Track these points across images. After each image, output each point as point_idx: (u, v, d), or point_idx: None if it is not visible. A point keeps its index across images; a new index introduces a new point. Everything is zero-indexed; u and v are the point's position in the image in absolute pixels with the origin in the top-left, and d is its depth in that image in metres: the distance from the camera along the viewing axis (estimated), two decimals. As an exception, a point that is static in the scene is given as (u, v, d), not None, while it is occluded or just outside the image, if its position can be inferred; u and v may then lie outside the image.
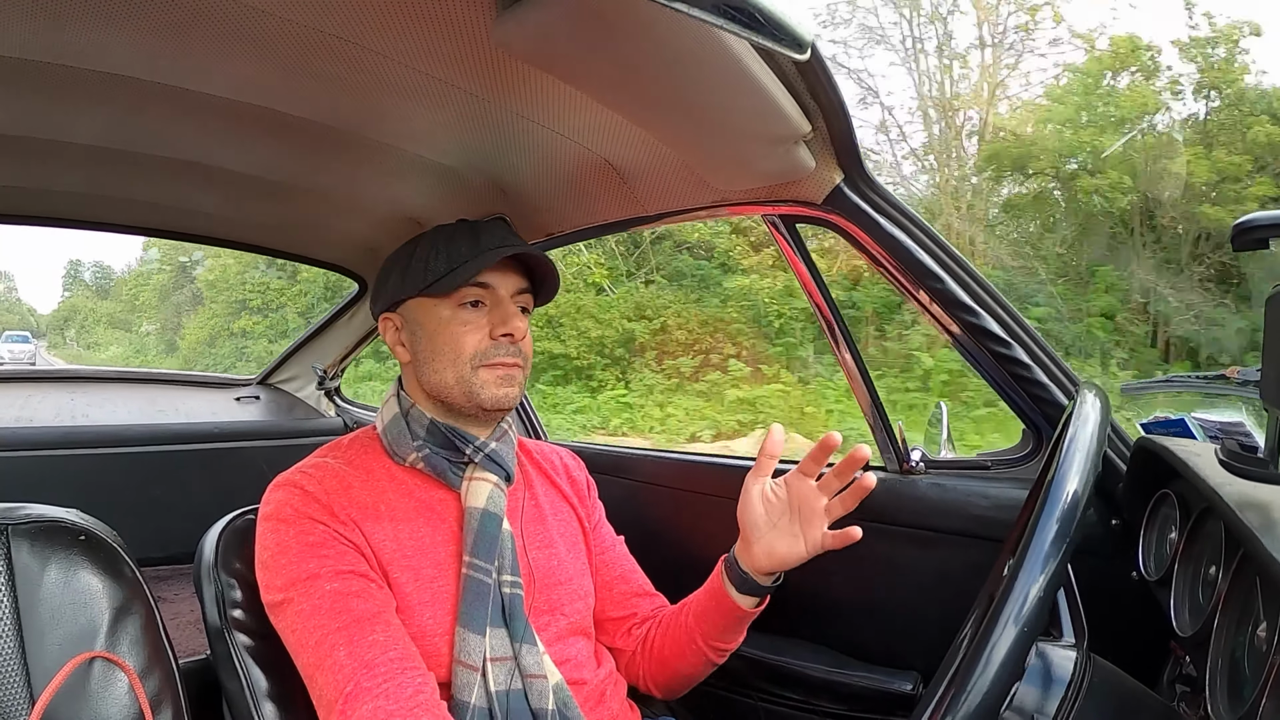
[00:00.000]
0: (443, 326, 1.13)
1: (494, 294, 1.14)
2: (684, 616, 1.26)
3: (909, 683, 1.38)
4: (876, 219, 1.28)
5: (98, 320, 41.89)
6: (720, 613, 1.21)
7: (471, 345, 1.12)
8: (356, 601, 0.99)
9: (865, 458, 1.08)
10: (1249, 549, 0.75)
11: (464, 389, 1.13)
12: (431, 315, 1.14)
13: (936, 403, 1.48)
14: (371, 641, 0.96)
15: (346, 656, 0.94)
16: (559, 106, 1.20)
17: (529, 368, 1.20)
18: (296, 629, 0.98)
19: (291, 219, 1.99)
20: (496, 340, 1.13)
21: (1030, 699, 0.74)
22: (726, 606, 1.20)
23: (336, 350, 2.96)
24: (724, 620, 1.21)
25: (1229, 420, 1.20)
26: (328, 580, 1.00)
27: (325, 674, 0.94)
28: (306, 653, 0.97)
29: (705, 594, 1.24)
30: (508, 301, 1.15)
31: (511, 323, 1.12)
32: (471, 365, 1.12)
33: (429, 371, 1.14)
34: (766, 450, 1.14)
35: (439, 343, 1.13)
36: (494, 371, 1.13)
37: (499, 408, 1.15)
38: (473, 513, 1.12)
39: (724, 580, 1.20)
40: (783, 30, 0.66)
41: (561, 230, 1.75)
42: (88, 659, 0.92)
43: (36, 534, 0.95)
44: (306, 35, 0.99)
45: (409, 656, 0.98)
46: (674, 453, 2.01)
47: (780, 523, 1.14)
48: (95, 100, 1.19)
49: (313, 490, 1.06)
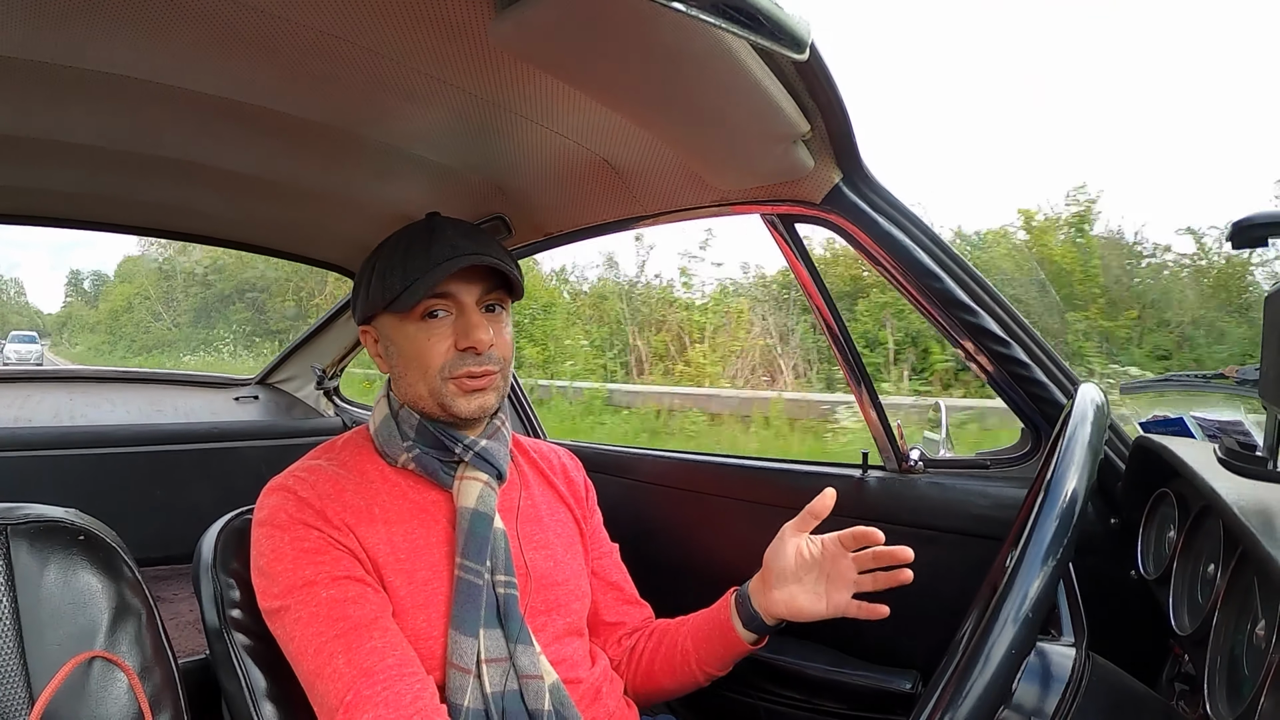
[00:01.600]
0: (409, 341, 1.11)
1: (456, 301, 1.11)
2: (680, 637, 1.27)
3: (908, 681, 1.39)
4: (875, 218, 1.28)
5: (83, 325, 45.72)
6: (723, 644, 1.23)
7: (438, 358, 1.10)
8: (353, 608, 0.99)
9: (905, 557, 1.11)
10: (1247, 547, 0.75)
11: (437, 400, 1.11)
12: (399, 331, 1.12)
13: (935, 401, 1.47)
14: (370, 648, 0.96)
15: (345, 664, 0.94)
16: (557, 106, 1.20)
17: (509, 368, 1.18)
18: (295, 637, 0.98)
19: (290, 218, 1.98)
20: (462, 352, 1.10)
21: (1029, 697, 0.74)
22: (730, 640, 1.22)
23: (335, 350, 2.96)
24: (725, 652, 1.23)
25: (1227, 419, 1.20)
26: (324, 587, 0.99)
27: (325, 682, 0.95)
28: (306, 661, 0.97)
29: (708, 623, 1.26)
30: (471, 310, 1.11)
31: (474, 335, 1.09)
32: (440, 378, 1.10)
33: (404, 385, 1.14)
34: (814, 510, 1.15)
35: (408, 357, 1.12)
36: (461, 385, 1.11)
37: (477, 417, 1.14)
38: (464, 513, 1.11)
39: (732, 615, 1.22)
40: (782, 30, 0.66)
41: (560, 230, 1.75)
42: (87, 659, 0.92)
43: (36, 534, 0.95)
44: (305, 35, 0.99)
45: (407, 662, 0.98)
46: (673, 452, 2.01)
47: (807, 579, 1.16)
48: (94, 100, 1.19)
49: (306, 495, 1.06)
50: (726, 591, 1.27)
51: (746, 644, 1.21)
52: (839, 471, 1.60)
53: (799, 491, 1.60)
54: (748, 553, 1.72)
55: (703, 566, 1.76)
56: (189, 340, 30.00)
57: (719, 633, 1.23)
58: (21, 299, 62.79)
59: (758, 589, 1.20)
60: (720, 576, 1.69)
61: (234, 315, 28.99)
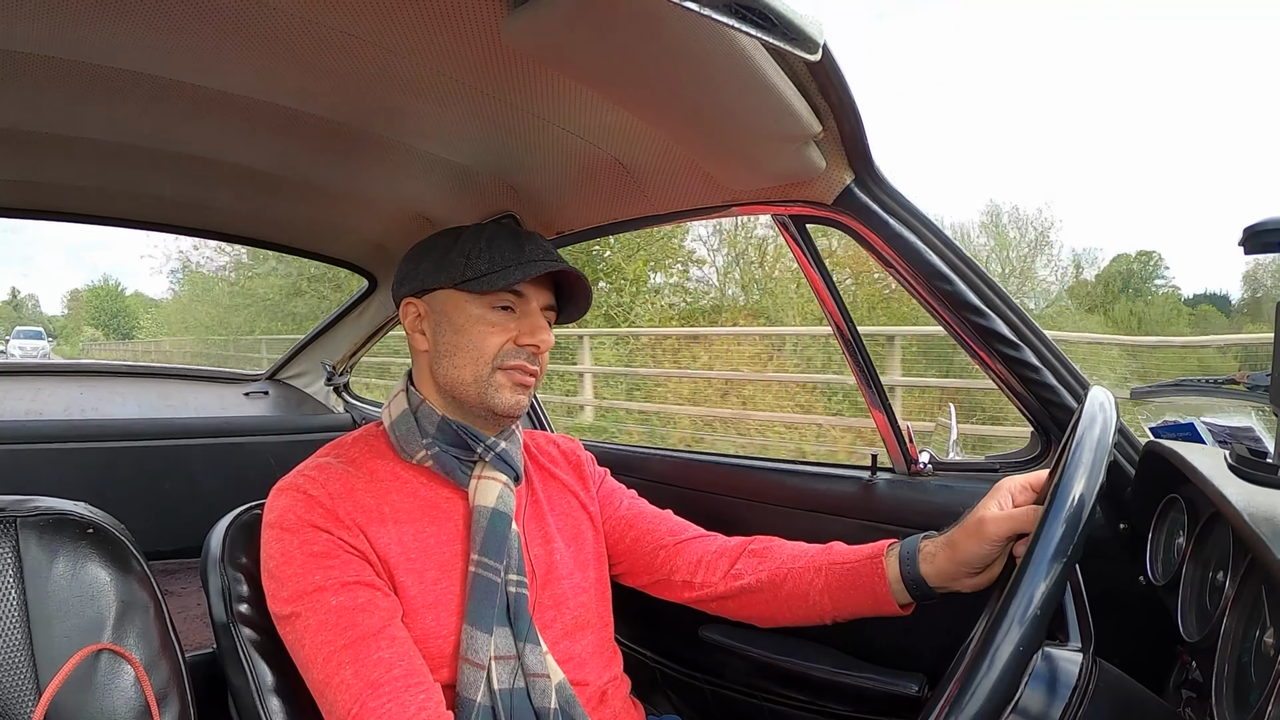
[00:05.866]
0: (471, 323, 1.13)
1: (526, 304, 1.15)
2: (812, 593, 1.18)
3: (914, 684, 1.38)
4: (887, 220, 1.28)
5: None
6: (870, 602, 1.14)
7: (494, 346, 1.12)
8: (362, 615, 0.99)
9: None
10: (1257, 554, 0.75)
11: (479, 389, 1.13)
12: (461, 310, 1.14)
13: (945, 404, 1.47)
14: (377, 660, 0.96)
15: (353, 676, 0.95)
16: (569, 105, 1.21)
17: (541, 379, 1.20)
18: (305, 645, 0.99)
19: (302, 215, 1.99)
20: (520, 347, 1.14)
21: (1035, 702, 0.74)
22: (881, 602, 1.13)
23: (345, 346, 2.97)
24: (870, 609, 1.14)
25: (1238, 425, 1.20)
26: (333, 593, 1.00)
27: (332, 692, 0.95)
28: (315, 669, 0.97)
29: (853, 578, 1.15)
30: (538, 313, 1.16)
31: (539, 335, 1.14)
32: (491, 367, 1.12)
33: (448, 365, 1.14)
34: (1032, 483, 1.08)
35: (463, 339, 1.13)
36: (510, 376, 1.13)
37: (510, 414, 1.15)
38: (481, 511, 1.12)
39: (890, 578, 1.12)
40: (794, 30, 0.66)
41: (571, 228, 1.75)
42: (94, 651, 0.93)
43: (45, 526, 0.96)
44: (319, 32, 0.99)
45: (414, 672, 0.98)
46: (681, 452, 2.01)
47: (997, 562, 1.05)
48: (109, 96, 1.20)
49: (316, 494, 1.06)
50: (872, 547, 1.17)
51: (897, 607, 1.12)
52: (848, 473, 1.59)
53: (808, 492, 1.61)
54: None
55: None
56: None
57: (868, 598, 1.13)
58: (37, 309, 67.57)
59: (940, 562, 1.08)
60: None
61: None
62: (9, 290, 71.22)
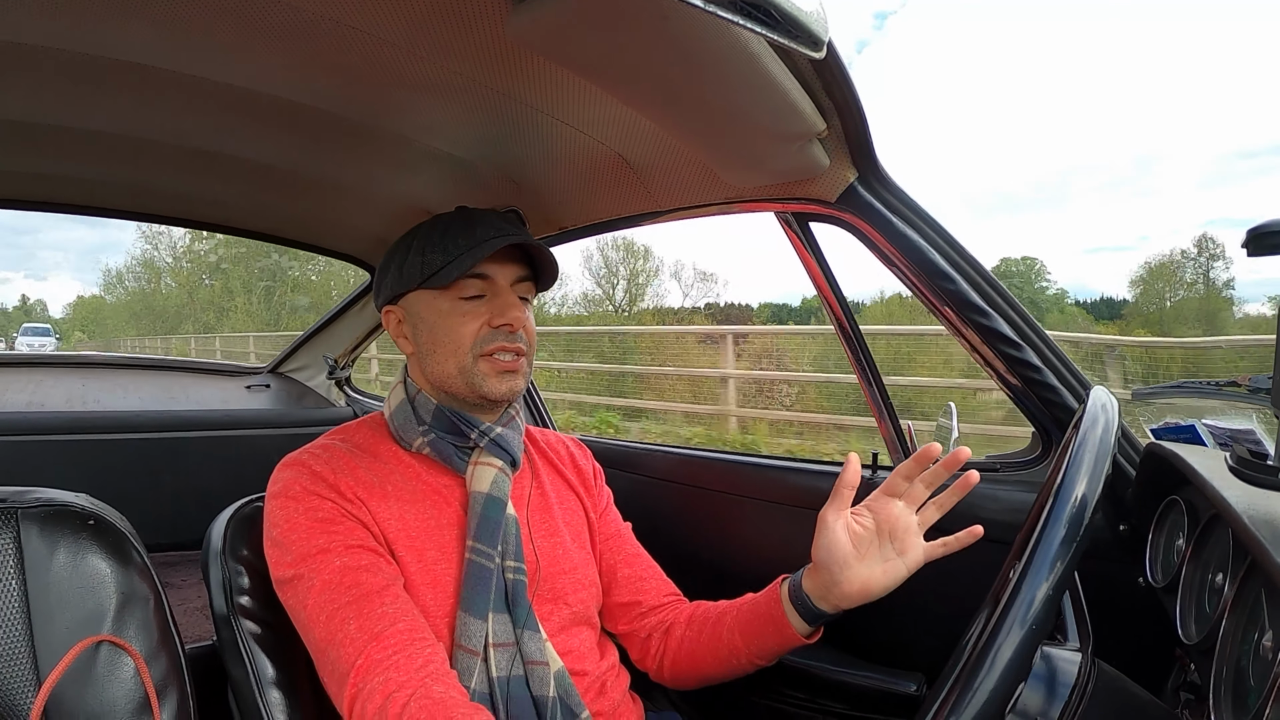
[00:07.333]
0: (442, 319, 1.14)
1: (493, 284, 1.15)
2: (724, 630, 1.20)
3: (913, 684, 1.38)
4: (890, 218, 1.28)
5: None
6: (777, 639, 1.15)
7: (470, 335, 1.13)
8: (366, 575, 1.00)
9: (966, 456, 1.03)
10: (1257, 557, 0.75)
11: (466, 379, 1.14)
12: (431, 308, 1.15)
13: (946, 403, 1.47)
14: (381, 614, 0.97)
15: (357, 630, 0.95)
16: (573, 100, 1.20)
17: (533, 354, 1.20)
18: (307, 605, 0.99)
19: (305, 209, 1.99)
20: (495, 329, 1.14)
21: (1034, 703, 0.74)
22: (786, 635, 1.14)
23: (347, 340, 2.98)
24: (779, 646, 1.16)
25: (1239, 427, 1.20)
26: (337, 555, 1.01)
27: (336, 647, 0.95)
28: (318, 628, 0.98)
29: (756, 618, 1.17)
30: (507, 291, 1.16)
31: (509, 313, 1.14)
32: (472, 355, 1.13)
33: (432, 363, 1.16)
34: (846, 481, 1.07)
35: (439, 335, 1.14)
36: (494, 364, 1.13)
37: (504, 399, 1.16)
38: (477, 497, 1.13)
39: (786, 611, 1.13)
40: (799, 28, 0.66)
41: (574, 224, 1.75)
42: (94, 643, 0.93)
43: (46, 517, 0.96)
44: (323, 26, 0.99)
45: (418, 628, 0.99)
46: (682, 448, 2.01)
47: (870, 552, 1.06)
48: (113, 88, 1.20)
49: (320, 469, 1.08)
50: (772, 583, 1.19)
51: (802, 638, 1.13)
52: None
53: (807, 490, 1.61)
54: (756, 549, 1.73)
55: (711, 563, 1.76)
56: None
57: (773, 629, 1.14)
58: (46, 313, 69.70)
59: (815, 585, 1.09)
60: (728, 573, 1.69)
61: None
62: (19, 297, 74.61)
